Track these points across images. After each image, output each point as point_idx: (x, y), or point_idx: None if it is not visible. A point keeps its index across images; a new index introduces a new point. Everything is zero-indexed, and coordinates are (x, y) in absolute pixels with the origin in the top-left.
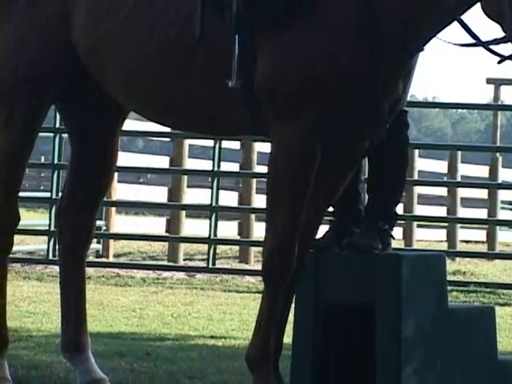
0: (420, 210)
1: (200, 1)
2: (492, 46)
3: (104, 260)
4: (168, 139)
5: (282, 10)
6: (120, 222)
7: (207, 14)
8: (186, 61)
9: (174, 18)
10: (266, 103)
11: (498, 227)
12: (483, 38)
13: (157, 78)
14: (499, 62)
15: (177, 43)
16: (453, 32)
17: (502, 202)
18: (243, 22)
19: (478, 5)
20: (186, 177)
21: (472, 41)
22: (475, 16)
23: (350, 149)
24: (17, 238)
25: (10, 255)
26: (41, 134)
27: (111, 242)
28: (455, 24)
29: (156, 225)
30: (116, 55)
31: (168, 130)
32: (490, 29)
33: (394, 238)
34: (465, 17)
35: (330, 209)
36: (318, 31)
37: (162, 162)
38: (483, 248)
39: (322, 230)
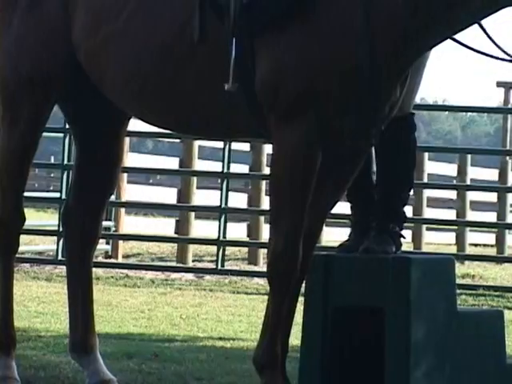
0: (429, 212)
1: (198, 4)
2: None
3: (113, 261)
4: (178, 140)
5: (282, 11)
6: (129, 223)
7: (206, 17)
8: (185, 64)
9: (173, 22)
10: (266, 106)
11: (507, 231)
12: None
13: (156, 81)
14: None
15: (176, 46)
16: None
17: None
18: (241, 24)
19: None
20: (195, 178)
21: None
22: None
23: (350, 150)
24: (26, 238)
25: (19, 255)
26: (50, 134)
27: (120, 242)
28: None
29: (165, 226)
30: (115, 60)
31: None
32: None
33: (404, 237)
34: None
35: (348, 210)
36: (318, 32)
37: (172, 163)
38: (492, 251)
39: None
